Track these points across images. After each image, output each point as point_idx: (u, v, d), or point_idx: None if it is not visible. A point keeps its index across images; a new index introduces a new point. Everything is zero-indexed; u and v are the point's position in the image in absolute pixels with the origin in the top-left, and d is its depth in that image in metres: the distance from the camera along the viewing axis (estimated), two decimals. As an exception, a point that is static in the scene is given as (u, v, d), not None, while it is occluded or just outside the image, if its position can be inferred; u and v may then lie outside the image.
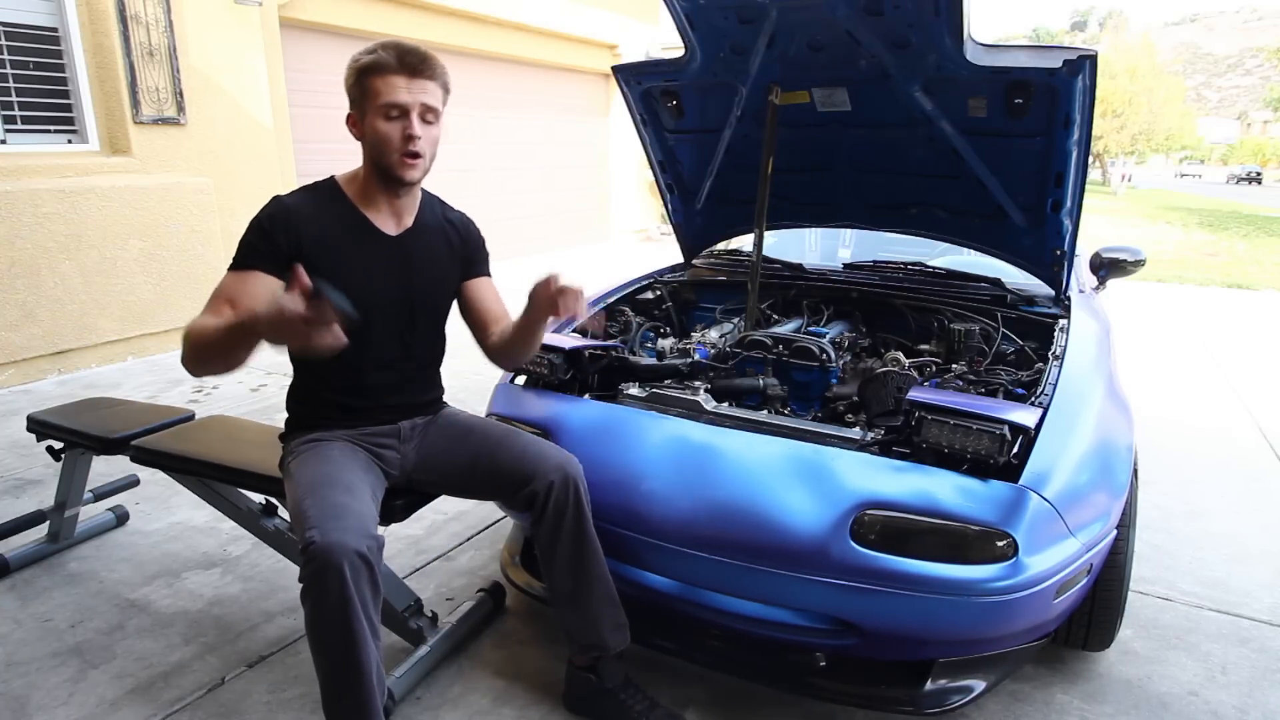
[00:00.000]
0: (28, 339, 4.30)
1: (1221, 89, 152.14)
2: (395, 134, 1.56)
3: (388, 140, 1.56)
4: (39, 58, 4.45)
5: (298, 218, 1.58)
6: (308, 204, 1.62)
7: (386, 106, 1.54)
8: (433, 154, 1.64)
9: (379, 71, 1.54)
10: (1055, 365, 1.90)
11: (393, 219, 1.69)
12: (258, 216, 1.58)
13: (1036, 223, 2.33)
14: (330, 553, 1.34)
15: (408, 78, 1.55)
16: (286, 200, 1.62)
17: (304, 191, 1.66)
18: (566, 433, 1.89)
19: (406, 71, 1.54)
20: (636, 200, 11.40)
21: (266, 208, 1.60)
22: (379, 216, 1.68)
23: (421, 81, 1.56)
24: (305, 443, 1.66)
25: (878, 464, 1.63)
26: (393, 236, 1.69)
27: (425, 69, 1.57)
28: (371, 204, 1.67)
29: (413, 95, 1.55)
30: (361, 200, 1.66)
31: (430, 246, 1.75)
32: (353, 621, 1.36)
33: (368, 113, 1.57)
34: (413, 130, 1.56)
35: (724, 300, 2.90)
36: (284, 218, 1.57)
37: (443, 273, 1.78)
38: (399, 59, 1.54)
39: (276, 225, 1.56)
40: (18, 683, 1.87)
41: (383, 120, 1.55)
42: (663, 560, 1.71)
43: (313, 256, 1.57)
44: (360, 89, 1.56)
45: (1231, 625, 2.18)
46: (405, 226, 1.71)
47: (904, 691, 1.61)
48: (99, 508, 2.67)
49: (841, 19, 2.01)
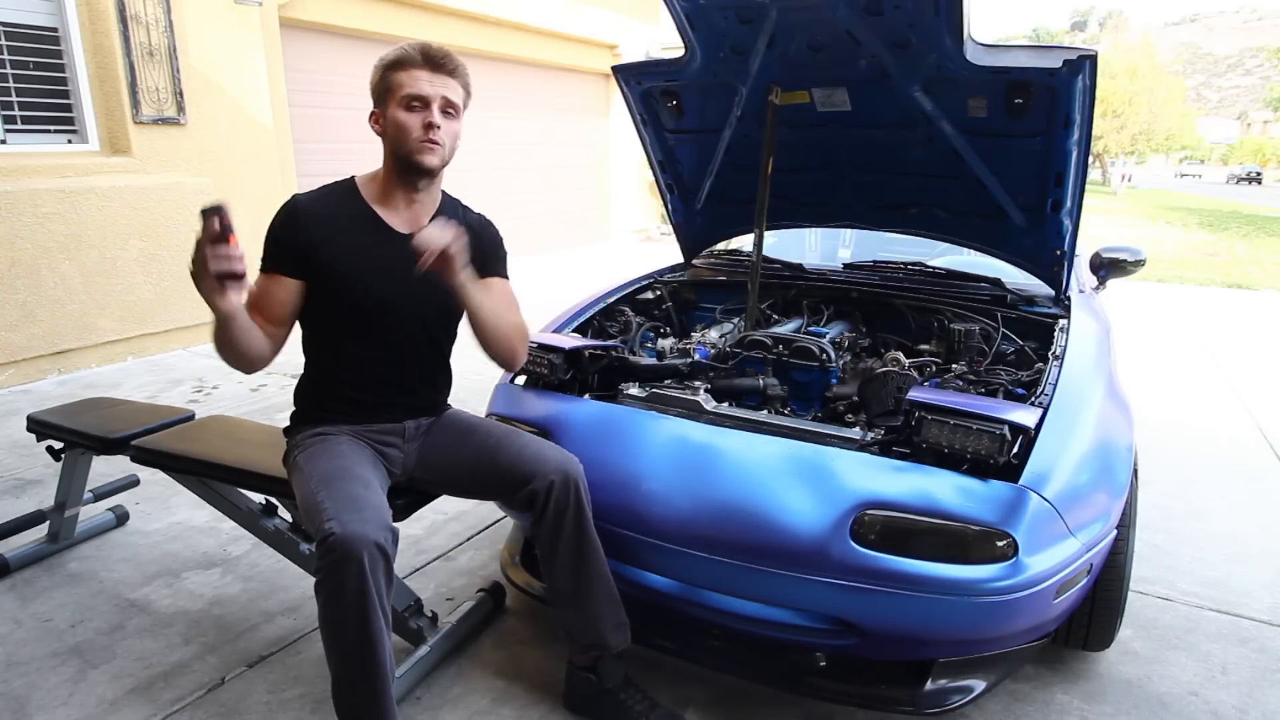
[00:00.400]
0: (28, 339, 4.30)
1: (1221, 89, 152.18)
2: (415, 122, 1.58)
3: (407, 128, 1.58)
4: (39, 58, 4.46)
5: (309, 218, 1.61)
6: (322, 203, 1.65)
7: (408, 98, 1.58)
8: (453, 147, 1.66)
9: (403, 66, 1.58)
10: (1055, 365, 1.90)
11: (408, 218, 1.70)
12: (273, 220, 1.63)
13: (1036, 223, 2.33)
14: (350, 544, 1.35)
15: (430, 71, 1.59)
16: (301, 200, 1.65)
17: (321, 191, 1.69)
18: (566, 433, 1.89)
19: (430, 66, 1.59)
20: (636, 200, 11.40)
21: (281, 210, 1.64)
22: (394, 216, 1.69)
23: (444, 77, 1.60)
24: (311, 436, 1.67)
25: (878, 464, 1.63)
26: (407, 236, 1.68)
27: (448, 65, 1.61)
28: (388, 203, 1.68)
29: (434, 88, 1.59)
30: (378, 199, 1.68)
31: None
32: (370, 612, 1.37)
33: (389, 105, 1.60)
34: (433, 119, 1.58)
35: (724, 300, 2.90)
36: (295, 219, 1.61)
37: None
38: (423, 54, 1.59)
39: (286, 228, 1.61)
40: (18, 683, 1.87)
41: (404, 111, 1.58)
42: (663, 560, 1.71)
43: (324, 255, 1.60)
44: (384, 84, 1.60)
45: (1231, 625, 2.18)
46: (420, 226, 1.70)
47: (904, 691, 1.61)
48: (99, 508, 2.67)
49: (841, 19, 2.01)
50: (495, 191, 8.76)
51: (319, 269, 1.61)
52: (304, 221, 1.60)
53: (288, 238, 1.60)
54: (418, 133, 1.58)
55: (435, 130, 1.59)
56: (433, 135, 1.59)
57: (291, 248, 1.60)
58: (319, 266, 1.61)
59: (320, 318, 1.68)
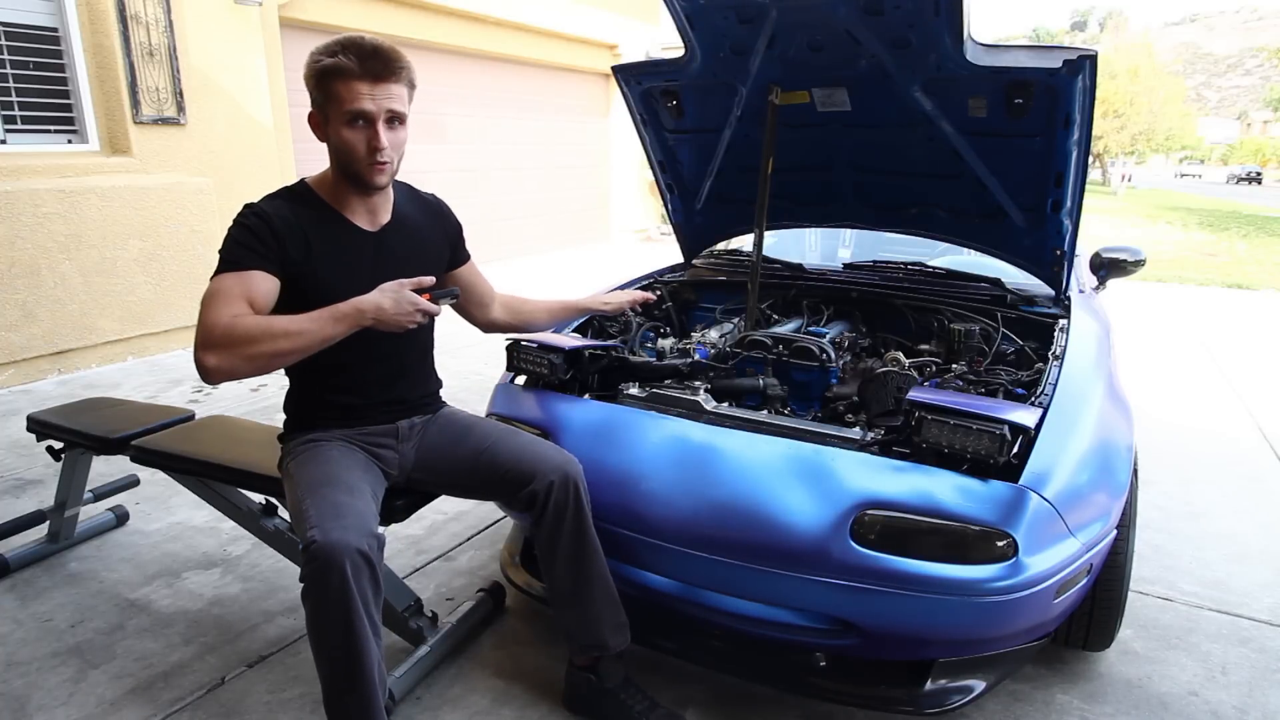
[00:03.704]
0: (28, 339, 4.30)
1: (1221, 89, 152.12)
2: (360, 143, 1.53)
3: (353, 149, 1.54)
4: (39, 58, 4.46)
5: (275, 220, 1.55)
6: (283, 209, 1.59)
7: (350, 114, 1.51)
8: (400, 155, 1.62)
9: (340, 76, 1.49)
10: (1055, 365, 1.90)
11: (368, 215, 1.68)
12: (240, 221, 1.55)
13: (1036, 223, 2.33)
14: (331, 551, 1.34)
15: (371, 83, 1.50)
16: (263, 206, 1.58)
17: (276, 198, 1.63)
18: (566, 433, 1.89)
19: (370, 77, 1.49)
20: (636, 200, 11.40)
21: (246, 213, 1.56)
22: (355, 215, 1.67)
23: (385, 86, 1.52)
24: (304, 443, 1.66)
25: (878, 464, 1.63)
26: (372, 233, 1.68)
27: (388, 72, 1.51)
28: (345, 203, 1.65)
29: (377, 103, 1.51)
30: (335, 200, 1.65)
31: (411, 238, 1.75)
32: (354, 620, 1.36)
33: (331, 118, 1.54)
34: (378, 142, 1.53)
35: (724, 300, 2.90)
36: (264, 221, 1.55)
37: (427, 263, 1.76)
38: (361, 63, 1.48)
39: (262, 228, 1.54)
40: (18, 683, 1.87)
41: (347, 128, 1.53)
42: (663, 560, 1.71)
43: (297, 260, 1.56)
44: (322, 92, 1.52)
45: (1231, 625, 2.18)
46: (382, 222, 1.70)
47: (904, 691, 1.61)
48: (99, 508, 2.67)
49: (841, 19, 2.01)
50: (495, 191, 8.76)
51: (303, 275, 1.57)
52: (276, 225, 1.54)
53: (268, 238, 1.53)
54: (364, 154, 1.53)
55: (382, 151, 1.53)
56: (379, 157, 1.54)
57: (273, 247, 1.53)
58: (303, 272, 1.57)
59: None
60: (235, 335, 1.42)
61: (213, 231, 5.11)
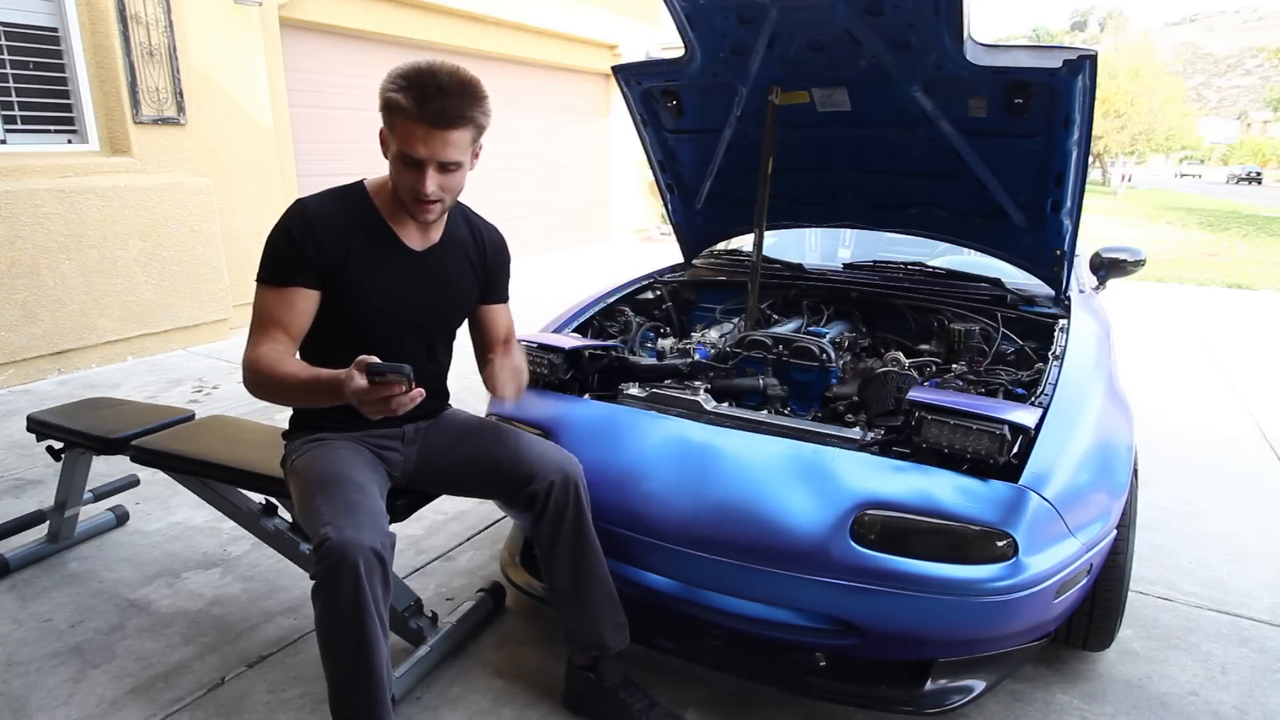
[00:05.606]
0: (28, 339, 4.30)
1: (1221, 89, 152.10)
2: (408, 181, 1.51)
3: (402, 183, 1.53)
4: (39, 58, 4.45)
5: (320, 224, 1.54)
6: (332, 210, 1.58)
7: (403, 155, 1.48)
8: (456, 194, 1.57)
9: (401, 114, 1.44)
10: (1055, 365, 1.90)
11: (419, 234, 1.66)
12: (284, 225, 1.54)
13: (1036, 223, 2.33)
14: (345, 550, 1.34)
15: (427, 128, 1.43)
16: (310, 204, 1.57)
17: (330, 196, 1.61)
18: (566, 433, 1.89)
19: (426, 122, 1.43)
20: (636, 200, 11.40)
21: (290, 214, 1.55)
22: (405, 231, 1.64)
23: (444, 134, 1.44)
24: (310, 441, 1.67)
25: (878, 464, 1.63)
26: (417, 252, 1.66)
27: (447, 119, 1.43)
28: (397, 218, 1.63)
29: (430, 149, 1.45)
30: (388, 211, 1.63)
31: (454, 264, 1.73)
32: (365, 618, 1.36)
33: (390, 143, 1.50)
34: (423, 186, 1.48)
35: (724, 300, 2.90)
36: (308, 225, 1.53)
37: (462, 291, 1.76)
38: (420, 106, 1.41)
39: (304, 234, 1.52)
40: (18, 683, 1.87)
41: (399, 162, 1.50)
42: (663, 560, 1.71)
43: (334, 265, 1.55)
44: (386, 115, 1.48)
45: (1231, 625, 2.18)
46: (431, 242, 1.68)
47: (904, 691, 1.61)
48: (99, 508, 2.67)
49: (841, 19, 2.01)
50: (495, 191, 8.76)
51: (340, 282, 1.56)
52: (320, 231, 1.53)
53: (309, 248, 1.52)
54: (410, 193, 1.51)
55: (426, 195, 1.49)
56: (426, 199, 1.50)
57: (315, 259, 1.52)
58: (340, 279, 1.56)
59: (324, 328, 1.61)
60: (258, 372, 1.50)
61: (212, 231, 5.11)
